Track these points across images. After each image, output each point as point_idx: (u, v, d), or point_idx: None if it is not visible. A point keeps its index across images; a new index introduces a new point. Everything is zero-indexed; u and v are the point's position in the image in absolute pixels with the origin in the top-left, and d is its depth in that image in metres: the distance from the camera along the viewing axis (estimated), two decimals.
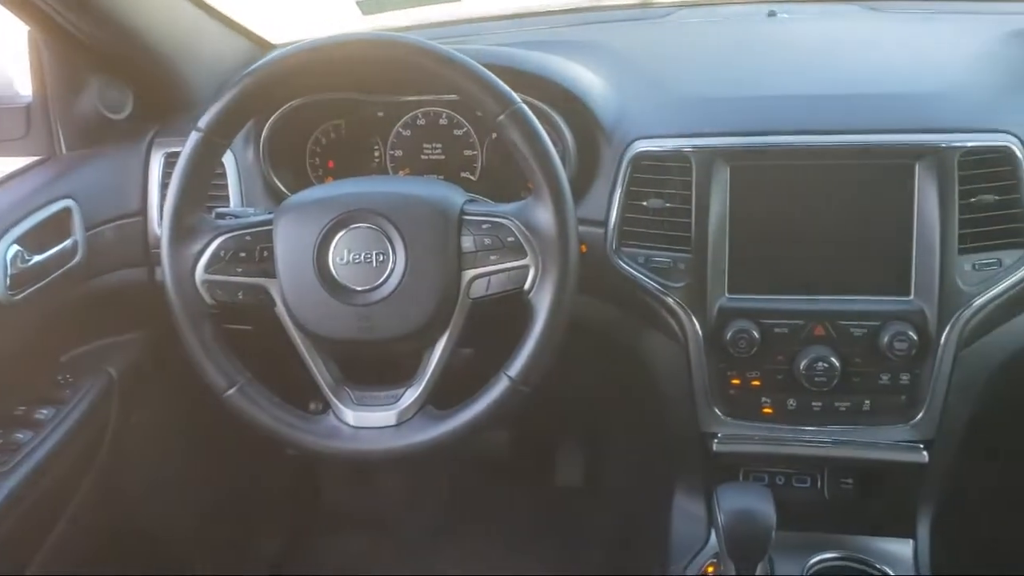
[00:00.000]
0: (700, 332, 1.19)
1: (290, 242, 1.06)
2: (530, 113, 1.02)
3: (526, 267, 1.03)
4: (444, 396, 1.09)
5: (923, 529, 1.27)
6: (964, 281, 1.13)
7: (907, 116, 1.16)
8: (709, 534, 1.29)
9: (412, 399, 1.07)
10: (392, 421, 1.07)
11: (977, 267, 1.13)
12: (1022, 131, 1.14)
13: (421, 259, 1.03)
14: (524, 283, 1.04)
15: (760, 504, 1.06)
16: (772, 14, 1.52)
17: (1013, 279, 1.13)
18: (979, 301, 1.14)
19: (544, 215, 1.02)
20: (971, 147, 1.12)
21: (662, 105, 1.26)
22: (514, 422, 1.92)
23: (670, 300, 1.20)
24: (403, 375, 1.09)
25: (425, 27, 1.66)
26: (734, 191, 1.17)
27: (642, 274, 1.20)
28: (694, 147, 1.17)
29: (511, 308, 1.06)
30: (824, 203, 1.16)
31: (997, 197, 1.13)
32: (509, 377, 1.03)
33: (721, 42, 1.47)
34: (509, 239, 1.03)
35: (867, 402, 1.18)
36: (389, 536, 1.94)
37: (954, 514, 1.32)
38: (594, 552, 1.76)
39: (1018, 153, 1.12)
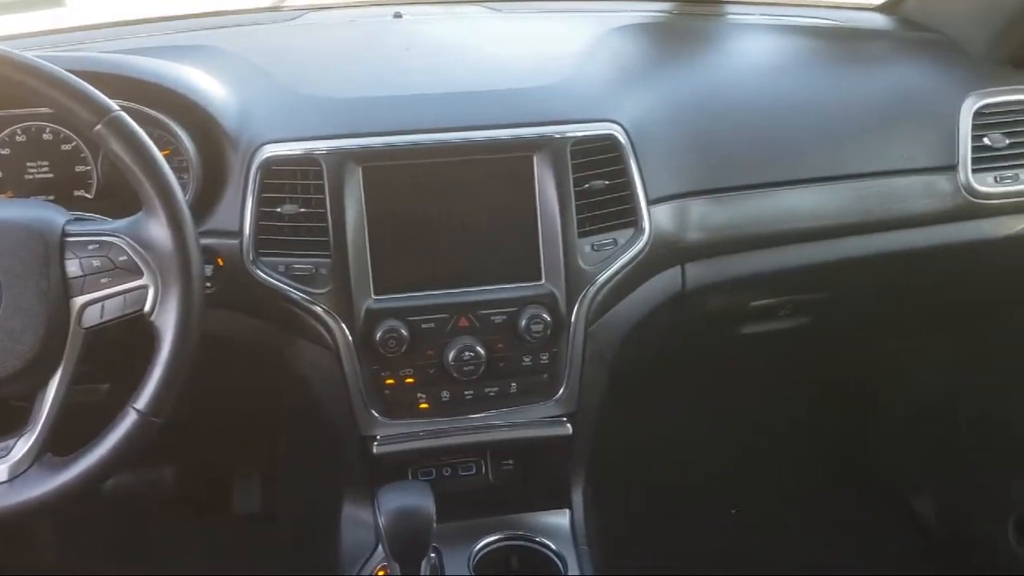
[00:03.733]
0: (350, 336, 1.18)
1: None
2: (130, 121, 0.95)
3: (144, 287, 0.96)
4: (76, 440, 0.98)
5: (577, 497, 1.35)
6: (586, 262, 1.21)
7: (524, 110, 1.22)
8: (379, 539, 1.29)
9: (26, 449, 0.95)
10: (3, 476, 0.94)
11: (596, 248, 1.22)
12: (626, 120, 1.24)
13: (17, 290, 0.92)
14: (144, 305, 0.96)
15: (418, 500, 1.07)
16: (398, 15, 1.54)
17: (628, 256, 1.23)
18: (601, 279, 1.22)
19: (158, 229, 0.95)
20: (581, 136, 1.20)
21: (290, 108, 1.22)
22: (180, 453, 1.81)
23: (317, 308, 1.17)
24: (14, 423, 0.97)
25: (24, 36, 1.49)
26: (369, 192, 1.16)
27: (284, 283, 1.16)
28: (324, 150, 1.15)
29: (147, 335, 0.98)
30: (457, 198, 1.19)
31: (607, 182, 1.22)
32: (137, 410, 0.95)
33: (350, 44, 1.46)
34: (121, 259, 0.95)
35: (514, 385, 1.23)
36: None
37: (603, 478, 1.42)
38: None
39: (622, 140, 1.22)
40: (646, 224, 1.23)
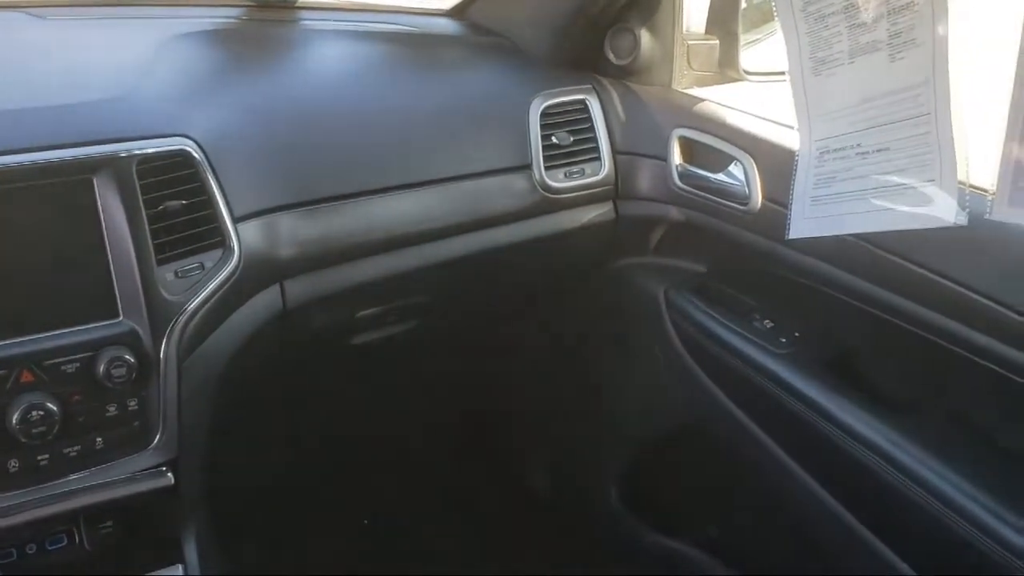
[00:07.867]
0: None
1: None
2: None
3: None
4: None
5: (190, 549, 1.23)
6: (170, 292, 1.10)
7: (77, 128, 1.08)
8: None
9: None
10: None
11: (180, 275, 1.11)
12: (199, 133, 1.15)
13: None
14: None
15: None
16: None
17: (218, 280, 1.14)
18: (191, 307, 1.11)
19: None
20: (148, 154, 1.09)
21: None
22: None
23: None
24: None
25: None
26: None
27: None
28: None
29: None
30: (5, 232, 1.02)
31: (185, 202, 1.11)
32: None
33: None
34: None
35: (99, 440, 1.08)
36: None
37: (223, 518, 1.32)
38: None
39: (196, 155, 1.12)
40: (234, 244, 1.15)
